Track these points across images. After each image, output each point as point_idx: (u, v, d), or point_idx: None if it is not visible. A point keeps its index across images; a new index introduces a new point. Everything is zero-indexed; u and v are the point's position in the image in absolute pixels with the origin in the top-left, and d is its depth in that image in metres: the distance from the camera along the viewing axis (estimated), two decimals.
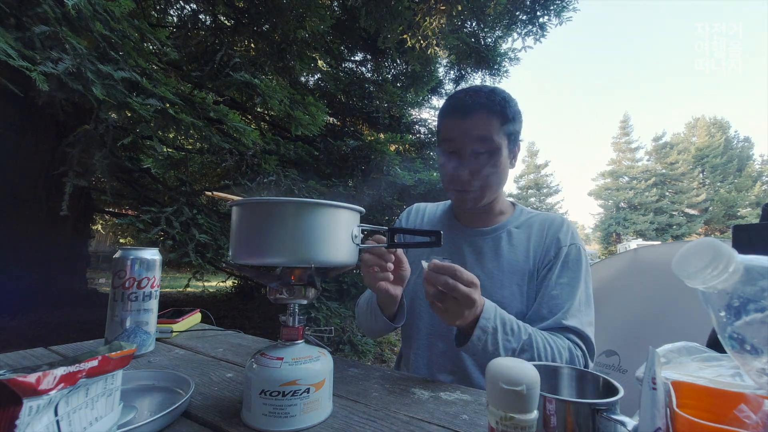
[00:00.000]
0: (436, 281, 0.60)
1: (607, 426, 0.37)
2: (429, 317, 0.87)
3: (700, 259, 0.35)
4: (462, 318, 0.62)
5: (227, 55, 3.16)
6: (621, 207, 33.88)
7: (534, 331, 0.71)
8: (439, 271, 0.60)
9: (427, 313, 0.87)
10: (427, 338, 0.87)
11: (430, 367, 0.85)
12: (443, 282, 0.59)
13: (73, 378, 0.30)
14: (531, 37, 4.20)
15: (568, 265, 0.81)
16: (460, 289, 0.59)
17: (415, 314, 0.89)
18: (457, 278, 0.60)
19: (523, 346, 0.68)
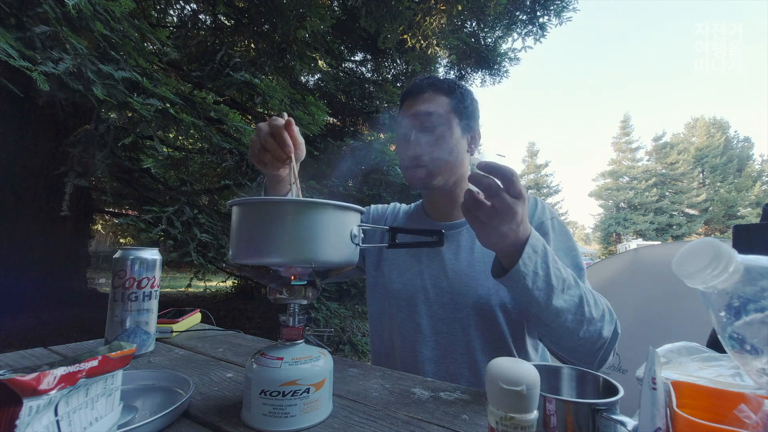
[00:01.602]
0: (480, 183, 0.53)
1: (607, 426, 0.37)
2: (428, 313, 0.86)
3: (700, 259, 0.35)
4: (499, 235, 0.55)
5: (227, 55, 3.16)
6: (621, 207, 33.87)
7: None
8: (489, 171, 0.53)
9: (426, 313, 0.86)
10: (424, 336, 0.86)
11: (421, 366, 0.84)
12: (486, 184, 0.53)
13: (73, 378, 0.30)
14: (531, 37, 4.20)
15: (558, 237, 0.81)
16: (502, 198, 0.52)
17: (415, 312, 0.88)
18: (505, 183, 0.53)
19: (573, 280, 0.64)
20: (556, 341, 0.69)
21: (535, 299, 0.60)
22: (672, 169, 32.18)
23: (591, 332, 0.65)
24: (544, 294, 0.59)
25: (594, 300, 0.66)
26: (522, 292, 0.60)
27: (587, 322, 0.64)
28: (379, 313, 0.94)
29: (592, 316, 0.64)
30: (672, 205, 30.89)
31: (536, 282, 0.59)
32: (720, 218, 29.68)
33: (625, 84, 76.29)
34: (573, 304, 0.62)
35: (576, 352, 0.68)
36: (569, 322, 0.63)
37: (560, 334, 0.65)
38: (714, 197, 30.24)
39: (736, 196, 29.20)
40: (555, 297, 0.60)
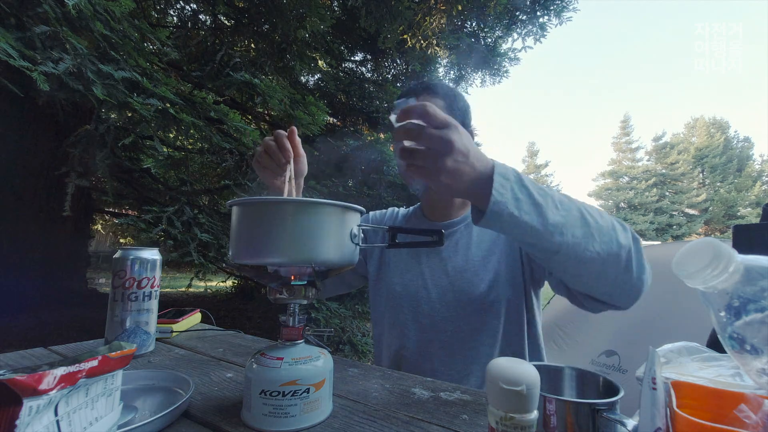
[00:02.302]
0: (402, 132, 0.49)
1: (607, 426, 0.37)
2: (430, 313, 0.86)
3: (700, 259, 0.35)
4: (449, 173, 0.48)
5: (227, 55, 3.16)
6: (621, 207, 33.86)
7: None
8: (404, 116, 0.48)
9: (429, 313, 0.87)
10: (428, 336, 0.86)
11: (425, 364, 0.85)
12: (406, 129, 0.48)
13: (73, 378, 0.30)
14: (531, 37, 4.20)
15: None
16: (428, 134, 0.47)
17: (418, 312, 0.88)
18: (425, 119, 0.48)
19: (565, 197, 0.56)
20: (579, 275, 0.60)
21: (528, 226, 0.52)
22: (672, 169, 32.17)
23: (607, 242, 0.56)
24: (536, 215, 0.52)
25: (597, 212, 0.59)
26: (512, 225, 0.52)
27: (598, 231, 0.56)
28: (383, 317, 0.95)
29: (600, 225, 0.57)
30: (672, 205, 30.88)
31: (521, 206, 0.51)
32: (720, 218, 29.67)
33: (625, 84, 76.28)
34: (574, 217, 0.55)
35: (606, 276, 0.59)
36: (579, 237, 0.54)
37: (578, 259, 0.55)
38: (714, 197, 30.23)
39: (736, 196, 29.20)
40: (549, 213, 0.53)
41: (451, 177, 0.49)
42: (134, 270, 0.72)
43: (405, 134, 0.49)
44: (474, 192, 0.51)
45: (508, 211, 0.50)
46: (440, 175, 0.48)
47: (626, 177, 34.10)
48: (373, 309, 0.99)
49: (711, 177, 31.54)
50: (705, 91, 69.16)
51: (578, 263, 0.56)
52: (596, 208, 0.60)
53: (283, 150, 0.72)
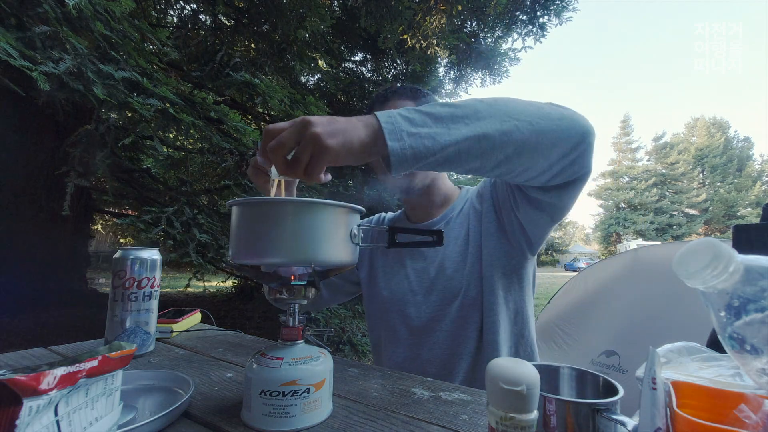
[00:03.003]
0: (270, 154, 0.48)
1: (607, 426, 0.37)
2: (417, 314, 0.87)
3: (700, 259, 0.35)
4: (333, 150, 0.47)
5: (227, 55, 3.16)
6: (621, 207, 33.88)
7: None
8: (266, 155, 0.49)
9: (416, 315, 0.87)
10: (418, 339, 0.87)
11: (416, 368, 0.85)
12: (261, 160, 0.51)
13: (73, 378, 0.30)
14: (531, 37, 4.20)
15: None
16: (273, 148, 0.47)
17: (406, 315, 0.89)
18: (270, 134, 0.48)
19: (471, 105, 0.55)
20: (527, 163, 0.58)
21: (435, 137, 0.50)
22: (672, 169, 32.19)
23: (526, 113, 0.55)
24: (436, 125, 0.51)
25: (516, 101, 0.58)
26: (421, 147, 0.50)
27: (529, 116, 0.55)
28: (377, 323, 0.96)
29: (516, 106, 0.56)
30: (672, 205, 30.90)
31: (416, 122, 0.50)
32: (720, 218, 29.68)
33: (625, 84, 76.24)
34: (479, 108, 0.54)
35: (552, 144, 0.57)
36: (502, 123, 0.53)
37: (515, 144, 0.54)
38: (714, 197, 30.25)
39: (736, 196, 29.20)
40: (445, 115, 0.52)
41: (342, 147, 0.47)
42: (134, 270, 0.72)
43: (270, 155, 0.48)
44: (370, 142, 0.50)
45: (405, 130, 0.49)
46: (324, 147, 0.46)
47: (626, 177, 34.12)
48: (368, 316, 1.01)
49: (711, 177, 31.56)
50: (705, 91, 69.16)
51: (518, 150, 0.55)
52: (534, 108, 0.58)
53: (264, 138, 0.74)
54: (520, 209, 0.76)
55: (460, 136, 0.52)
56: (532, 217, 0.76)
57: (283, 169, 0.49)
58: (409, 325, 0.88)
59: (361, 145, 0.49)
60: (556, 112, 0.59)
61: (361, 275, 1.00)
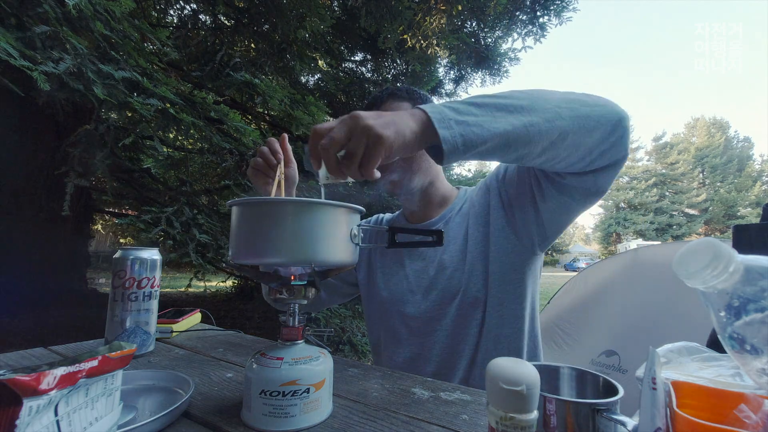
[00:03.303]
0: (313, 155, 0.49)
1: (607, 426, 0.37)
2: (417, 314, 0.87)
3: (700, 259, 0.35)
4: (381, 132, 0.46)
5: (227, 55, 3.16)
6: (621, 207, 33.88)
7: None
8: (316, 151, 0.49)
9: (416, 314, 0.87)
10: (418, 339, 0.86)
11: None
12: (317, 149, 0.49)
13: (73, 378, 0.30)
14: (531, 37, 4.20)
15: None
16: (323, 143, 0.47)
17: (405, 315, 0.88)
18: (318, 133, 0.48)
19: (514, 96, 0.57)
20: (567, 148, 0.59)
21: (480, 125, 0.52)
22: (672, 169, 32.19)
23: (571, 106, 0.58)
24: (480, 112, 0.53)
25: (574, 97, 0.60)
26: (470, 135, 0.51)
27: (568, 103, 0.58)
28: (376, 324, 0.96)
29: (564, 97, 0.59)
30: (672, 205, 30.90)
31: (461, 112, 0.52)
32: (720, 218, 29.68)
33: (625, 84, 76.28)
34: (521, 97, 0.56)
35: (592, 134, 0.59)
36: (541, 111, 0.55)
37: (553, 131, 0.56)
38: (714, 197, 30.25)
39: (736, 196, 29.21)
40: (489, 105, 0.54)
41: (387, 130, 0.47)
42: (134, 270, 0.72)
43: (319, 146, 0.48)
44: (420, 131, 0.51)
45: (453, 118, 0.51)
46: (378, 137, 0.46)
47: (626, 177, 34.12)
48: (367, 317, 1.00)
49: (711, 177, 31.56)
50: (705, 91, 69.19)
51: (562, 136, 0.57)
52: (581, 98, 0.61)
53: (274, 153, 0.76)
54: (547, 199, 0.75)
55: (507, 125, 0.53)
56: (558, 203, 0.74)
57: (334, 167, 0.48)
58: (409, 325, 0.88)
59: (413, 135, 0.50)
60: (592, 99, 0.61)
61: (360, 276, 1.00)
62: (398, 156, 0.50)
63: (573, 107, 0.58)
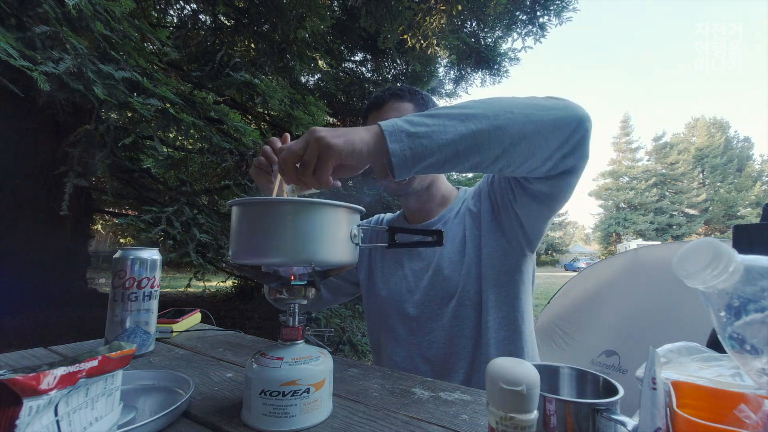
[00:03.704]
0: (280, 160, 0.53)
1: (607, 426, 0.37)
2: (416, 314, 0.87)
3: (700, 259, 0.35)
4: (323, 143, 0.50)
5: (227, 55, 3.16)
6: (621, 207, 33.88)
7: None
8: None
9: (415, 315, 0.87)
10: (417, 338, 0.87)
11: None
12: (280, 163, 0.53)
13: (73, 378, 0.30)
14: (531, 37, 4.20)
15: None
16: (289, 145, 0.53)
17: (405, 314, 0.89)
18: (281, 150, 0.55)
19: (469, 105, 0.57)
20: (525, 153, 0.59)
21: (431, 135, 0.53)
22: (672, 169, 32.19)
23: (527, 107, 0.58)
24: (434, 122, 0.54)
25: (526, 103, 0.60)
26: (421, 150, 0.53)
27: (524, 108, 0.57)
28: (376, 323, 0.96)
29: (509, 101, 0.58)
30: (672, 205, 30.90)
31: (414, 122, 0.54)
32: (720, 218, 29.68)
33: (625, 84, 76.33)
34: (477, 106, 0.57)
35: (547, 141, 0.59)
36: (497, 117, 0.55)
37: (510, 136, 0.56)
38: (714, 197, 30.24)
39: (736, 196, 29.20)
40: (444, 114, 0.55)
41: (337, 139, 0.50)
42: (134, 270, 0.72)
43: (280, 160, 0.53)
44: (373, 143, 0.53)
45: (405, 130, 0.52)
46: (328, 146, 0.50)
47: (626, 177, 34.12)
48: (367, 316, 1.01)
49: (711, 177, 31.56)
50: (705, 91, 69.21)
51: (514, 142, 0.57)
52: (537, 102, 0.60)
53: (276, 152, 0.76)
54: (518, 203, 0.76)
55: (456, 134, 0.54)
56: (530, 210, 0.76)
57: (293, 176, 0.53)
58: (408, 325, 0.88)
59: (364, 144, 0.52)
60: (550, 102, 0.61)
61: (361, 276, 1.00)
62: (352, 164, 0.53)
63: (528, 112, 0.57)
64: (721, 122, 32.98)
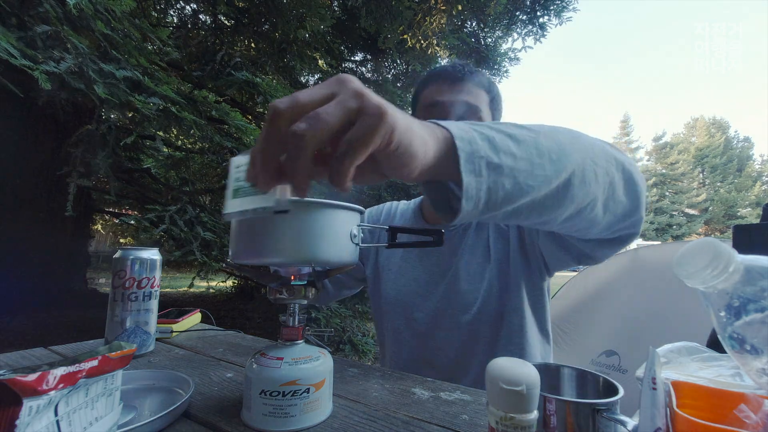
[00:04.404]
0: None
1: (607, 426, 0.37)
2: (425, 320, 0.84)
3: (700, 259, 0.35)
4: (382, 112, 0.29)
5: (228, 54, 3.16)
6: None
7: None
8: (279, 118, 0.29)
9: (424, 320, 0.84)
10: (424, 342, 0.84)
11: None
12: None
13: (73, 378, 0.30)
14: (531, 37, 4.20)
15: None
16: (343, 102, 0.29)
17: (412, 318, 0.86)
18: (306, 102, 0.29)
19: (538, 128, 0.41)
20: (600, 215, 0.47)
21: (527, 186, 0.38)
22: (672, 169, 32.17)
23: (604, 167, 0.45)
24: (528, 162, 0.38)
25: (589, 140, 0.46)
26: (501, 195, 0.37)
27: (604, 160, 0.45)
28: (382, 320, 0.94)
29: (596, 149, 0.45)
30: (672, 205, 30.88)
31: (500, 151, 0.36)
32: (720, 218, 29.66)
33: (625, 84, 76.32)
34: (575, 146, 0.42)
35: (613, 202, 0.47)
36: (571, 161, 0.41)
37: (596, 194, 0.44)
38: (714, 197, 30.23)
39: (736, 196, 29.18)
40: (548, 156, 0.39)
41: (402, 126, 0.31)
42: (134, 270, 0.72)
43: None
44: (434, 164, 0.35)
45: (485, 157, 0.35)
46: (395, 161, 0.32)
47: None
48: (374, 312, 0.98)
49: (711, 177, 31.54)
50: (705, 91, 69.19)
51: (593, 202, 0.44)
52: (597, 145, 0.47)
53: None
54: (541, 240, 0.72)
55: (544, 179, 0.38)
56: (557, 257, 0.71)
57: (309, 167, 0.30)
58: (414, 329, 0.85)
59: (422, 146, 0.33)
60: (614, 151, 0.49)
61: (367, 272, 0.97)
62: (392, 164, 0.33)
63: (606, 166, 0.45)
64: (721, 122, 32.97)
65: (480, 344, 0.79)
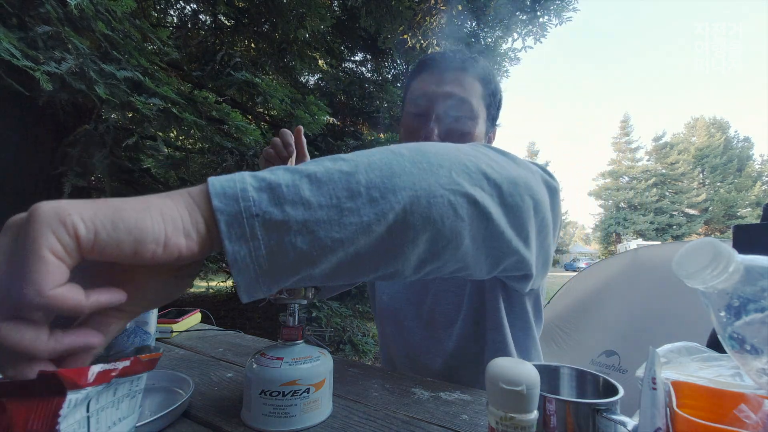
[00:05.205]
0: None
1: (607, 426, 0.37)
2: (419, 325, 0.82)
3: (700, 259, 0.36)
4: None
5: (228, 54, 3.16)
6: (621, 207, 33.85)
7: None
8: None
9: (418, 326, 0.82)
10: (418, 347, 0.82)
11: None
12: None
13: (107, 376, 0.31)
14: (531, 37, 4.20)
15: None
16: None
17: (402, 326, 0.84)
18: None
19: (363, 158, 0.32)
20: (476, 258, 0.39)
21: (329, 240, 0.29)
22: (672, 169, 32.17)
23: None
24: (337, 211, 0.29)
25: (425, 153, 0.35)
26: (291, 259, 0.29)
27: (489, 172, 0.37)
28: (378, 323, 0.93)
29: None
30: (672, 205, 30.89)
31: (291, 205, 0.28)
32: (720, 218, 29.66)
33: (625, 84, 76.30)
34: (414, 166, 0.33)
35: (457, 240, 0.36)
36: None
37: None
38: (714, 197, 30.23)
39: (736, 196, 29.18)
40: (366, 195, 0.30)
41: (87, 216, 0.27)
42: None
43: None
44: (187, 244, 0.28)
45: (258, 212, 0.28)
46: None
47: (626, 177, 34.11)
48: (374, 313, 0.98)
49: (711, 177, 31.54)
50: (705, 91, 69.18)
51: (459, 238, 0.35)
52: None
53: (286, 146, 0.73)
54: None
55: (359, 226, 0.30)
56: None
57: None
58: (406, 339, 0.83)
59: (153, 225, 0.27)
60: (496, 178, 0.38)
61: None
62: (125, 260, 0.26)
63: (470, 191, 0.35)
64: (721, 122, 32.96)
65: (468, 360, 0.76)
